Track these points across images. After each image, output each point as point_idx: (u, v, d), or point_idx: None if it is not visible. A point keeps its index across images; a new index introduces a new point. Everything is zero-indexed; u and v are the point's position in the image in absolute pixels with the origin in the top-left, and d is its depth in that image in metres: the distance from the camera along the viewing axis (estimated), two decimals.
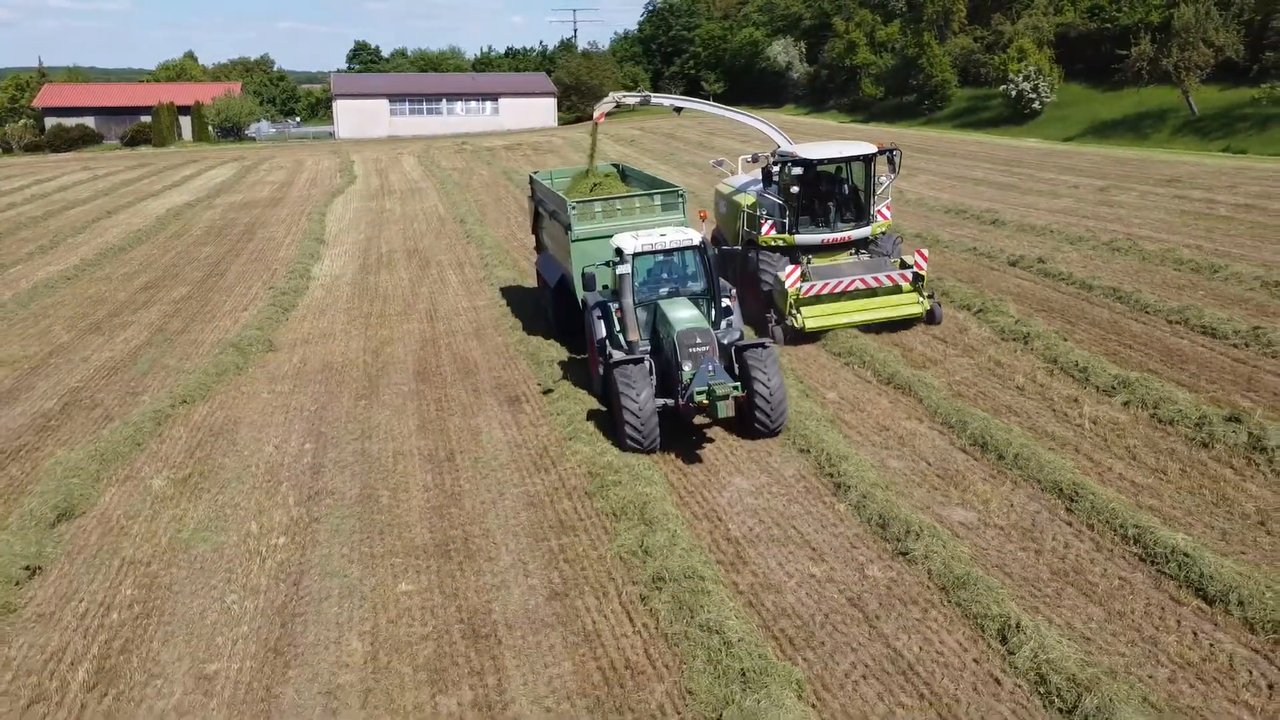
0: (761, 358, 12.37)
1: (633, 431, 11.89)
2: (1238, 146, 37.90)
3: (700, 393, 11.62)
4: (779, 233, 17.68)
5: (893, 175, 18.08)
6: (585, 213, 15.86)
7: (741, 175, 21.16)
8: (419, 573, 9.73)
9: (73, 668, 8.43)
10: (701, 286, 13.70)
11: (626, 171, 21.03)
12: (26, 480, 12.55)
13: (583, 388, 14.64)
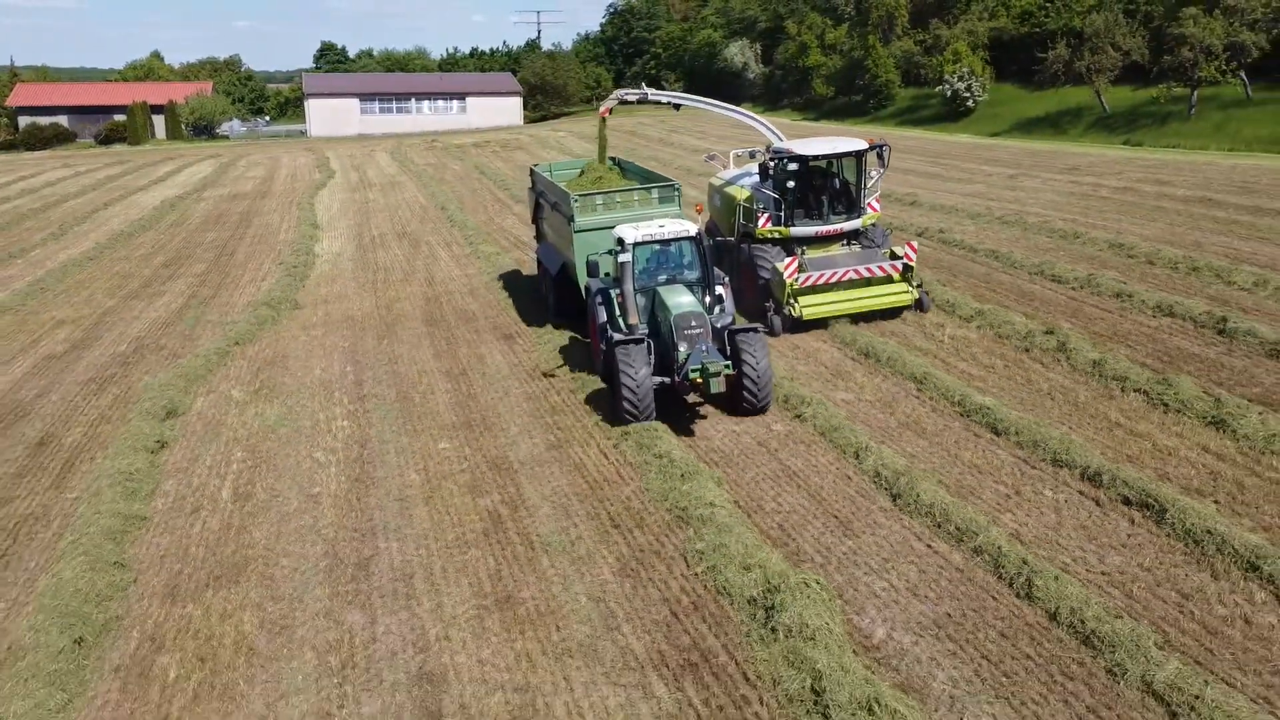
0: (751, 341, 13.33)
1: (630, 405, 12.86)
2: (1136, 140, 42.47)
3: (695, 371, 12.64)
4: (775, 225, 18.25)
5: (882, 170, 18.74)
6: (587, 205, 16.69)
7: (733, 169, 21.92)
8: (451, 438, 13.44)
9: (216, 491, 12.06)
10: (697, 275, 14.53)
11: (623, 165, 22.05)
12: (129, 395, 16.02)
13: (581, 368, 18.14)
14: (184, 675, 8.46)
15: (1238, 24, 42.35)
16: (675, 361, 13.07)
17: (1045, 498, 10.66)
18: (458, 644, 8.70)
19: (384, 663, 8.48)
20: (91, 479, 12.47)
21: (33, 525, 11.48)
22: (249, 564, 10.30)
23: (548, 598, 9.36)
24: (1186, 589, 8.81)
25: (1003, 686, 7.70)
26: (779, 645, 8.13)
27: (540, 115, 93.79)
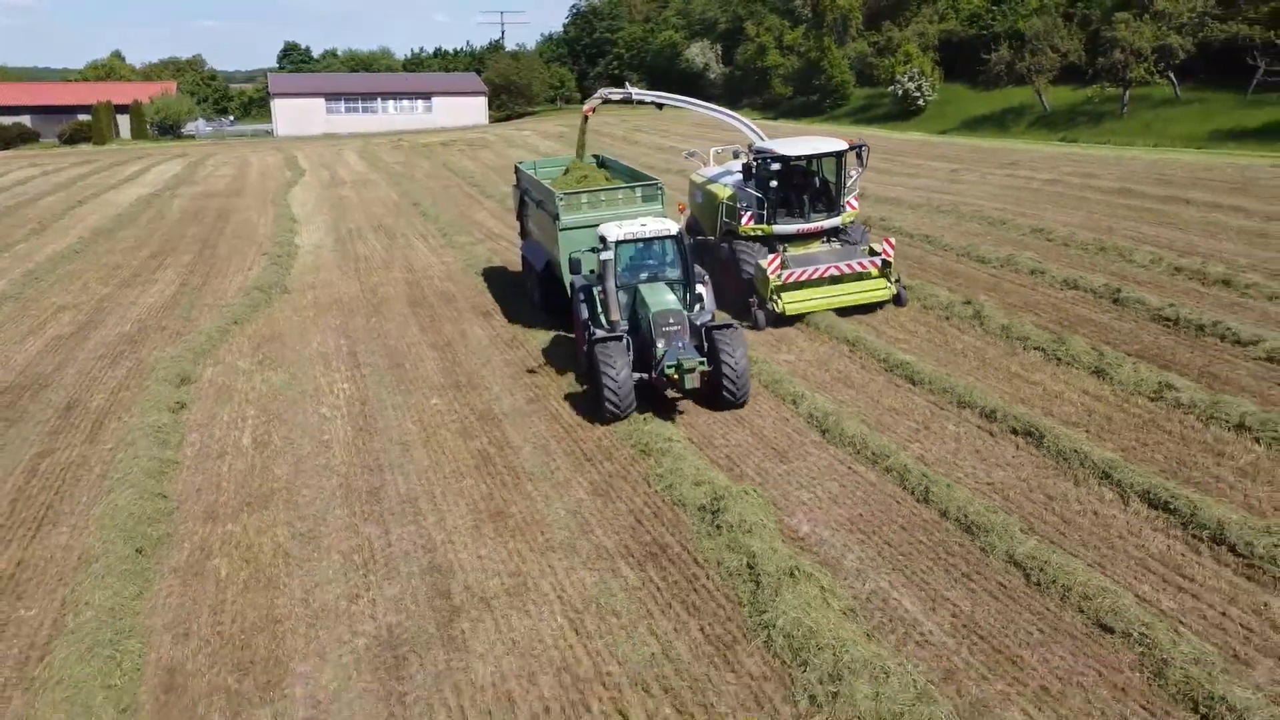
0: (729, 338, 13.56)
1: (611, 402, 13.17)
2: (1072, 137, 45.09)
3: (670, 367, 13.01)
4: (758, 223, 18.69)
5: (861, 169, 19.24)
6: (572, 204, 16.92)
7: (713, 167, 22.32)
8: (441, 396, 15.24)
9: (237, 440, 13.77)
10: (677, 273, 14.81)
11: (606, 162, 22.35)
12: (141, 367, 17.60)
13: (557, 359, 20.09)
14: (233, 573, 10.22)
15: (1165, 28, 45.10)
16: (654, 358, 13.39)
17: (948, 430, 12.70)
18: (460, 546, 10.54)
19: (399, 560, 10.31)
20: (123, 433, 14.12)
21: (77, 470, 13.12)
22: (275, 494, 12.05)
23: (532, 512, 11.23)
24: (1052, 493, 10.87)
25: (899, 562, 9.68)
26: (722, 537, 10.06)
27: (505, 115, 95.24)
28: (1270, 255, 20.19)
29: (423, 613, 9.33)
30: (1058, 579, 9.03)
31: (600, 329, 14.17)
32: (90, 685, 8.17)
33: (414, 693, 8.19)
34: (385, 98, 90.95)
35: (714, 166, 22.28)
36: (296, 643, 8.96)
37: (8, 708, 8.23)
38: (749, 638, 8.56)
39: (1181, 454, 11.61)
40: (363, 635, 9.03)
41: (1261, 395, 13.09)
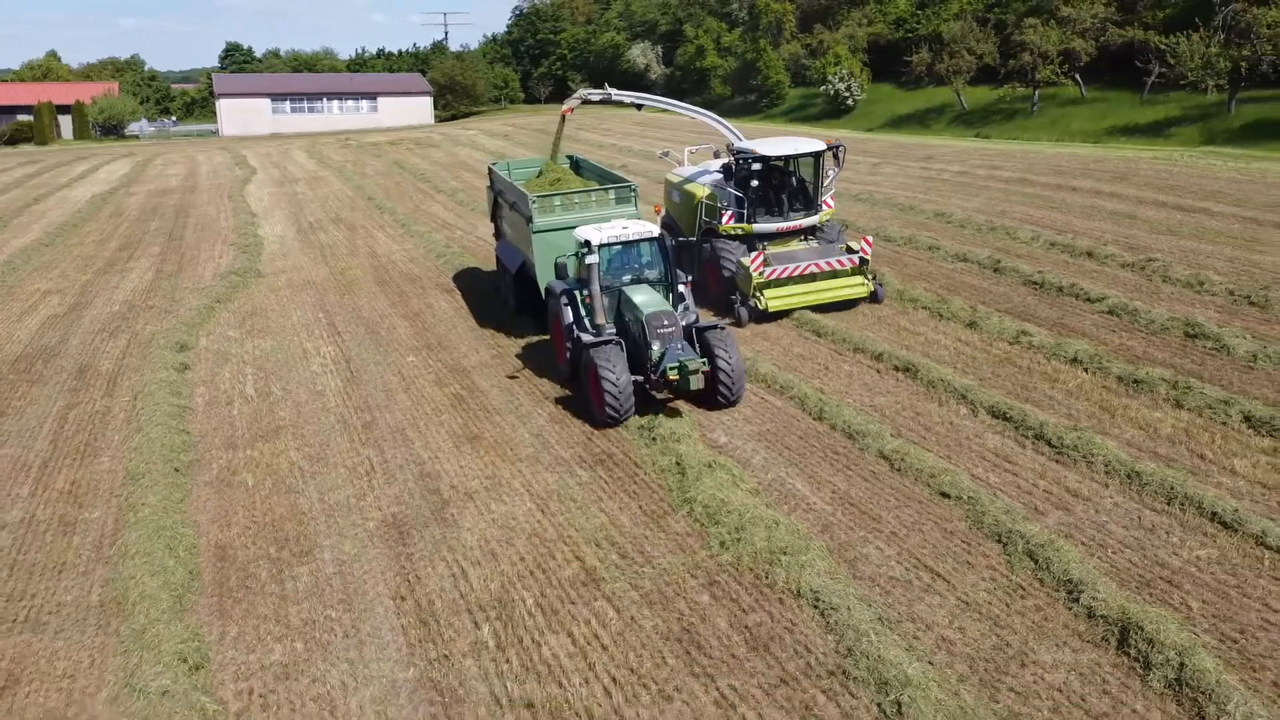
0: (722, 338, 13.77)
1: (611, 406, 13.13)
2: (985, 133, 48.58)
3: (673, 368, 13.01)
4: (738, 222, 19.00)
5: (838, 169, 19.61)
6: (546, 206, 16.93)
7: (688, 166, 22.59)
8: (415, 354, 17.57)
9: (241, 390, 15.97)
10: (659, 274, 14.95)
11: (580, 163, 22.50)
12: (139, 338, 19.59)
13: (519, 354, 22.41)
14: (258, 483, 12.50)
15: (1070, 33, 48.76)
16: (649, 360, 13.31)
17: (844, 369, 15.41)
18: (444, 459, 12.94)
19: (395, 470, 12.68)
20: (138, 388, 16.21)
21: (103, 417, 15.21)
22: (282, 429, 14.31)
23: (502, 435, 13.66)
24: (919, 410, 13.61)
25: (794, 459, 12.31)
26: (657, 446, 12.60)
27: (450, 114, 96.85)
28: (1133, 233, 23.33)
29: (418, 504, 11.72)
30: (913, 466, 11.73)
31: (586, 333, 14.18)
32: (160, 555, 10.42)
33: (417, 554, 10.59)
34: (331, 98, 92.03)
35: (689, 166, 22.48)
36: (319, 527, 11.29)
37: (94, 575, 10.43)
38: (676, 510, 11.10)
39: (1025, 381, 14.45)
40: (372, 520, 11.40)
41: (1096, 338, 16.02)
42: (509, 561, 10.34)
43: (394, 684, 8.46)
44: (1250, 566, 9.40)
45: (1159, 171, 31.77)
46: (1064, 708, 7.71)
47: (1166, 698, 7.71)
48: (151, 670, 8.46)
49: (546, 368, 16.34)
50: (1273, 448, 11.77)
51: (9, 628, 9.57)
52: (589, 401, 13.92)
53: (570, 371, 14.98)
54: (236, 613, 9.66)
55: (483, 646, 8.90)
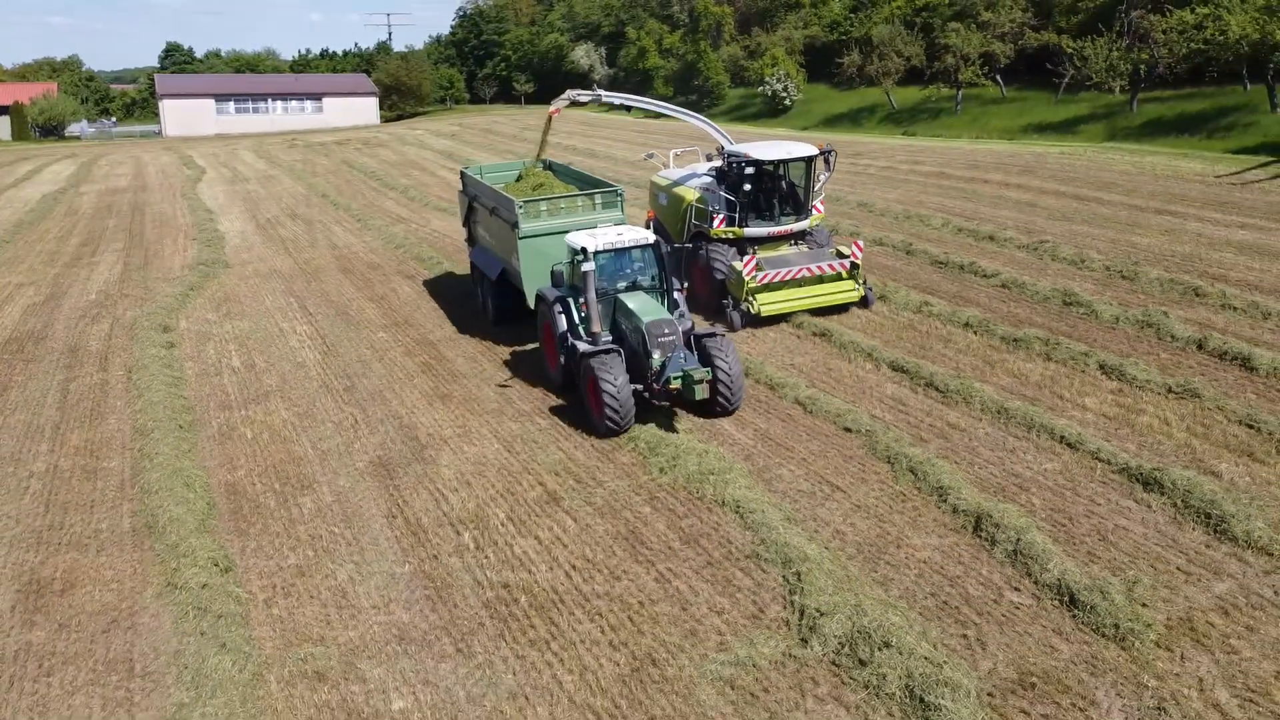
0: (721, 345, 13.64)
1: (612, 415, 12.97)
2: (912, 131, 51.41)
3: (676, 378, 12.91)
4: (729, 225, 18.85)
5: (828, 173, 19.63)
6: (532, 211, 16.61)
7: (674, 168, 22.55)
8: (385, 331, 19.33)
9: (229, 363, 17.60)
10: (654, 281, 14.82)
11: (554, 167, 21.95)
12: (121, 322, 21.02)
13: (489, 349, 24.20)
14: (256, 436, 14.23)
15: (990, 36, 51.78)
16: (649, 369, 13.23)
17: (769, 336, 17.56)
18: (419, 413, 14.78)
19: (377, 423, 14.49)
20: (130, 363, 17.75)
21: (102, 388, 16.74)
22: (270, 394, 16.01)
23: (469, 394, 15.54)
24: (831, 367, 15.79)
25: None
26: None
27: (396, 115, 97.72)
28: (1032, 219, 25.90)
29: (400, 448, 13.56)
30: (823, 408, 13.89)
31: (581, 341, 14.14)
32: (179, 491, 12.13)
33: (403, 485, 12.45)
34: (275, 98, 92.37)
35: (674, 168, 22.42)
36: (315, 468, 13.08)
37: (122, 509, 12.10)
38: (623, 446, 13.10)
39: (923, 342, 16.72)
40: (361, 461, 13.22)
41: (987, 307, 18.38)
42: (482, 488, 12.25)
43: (393, 576, 10.33)
44: (1085, 475, 11.68)
45: (1064, 165, 34.60)
46: (926, 573, 9.86)
47: (1005, 563, 9.90)
48: (189, 571, 10.22)
49: (506, 339, 18.21)
50: (1118, 388, 14.15)
51: (55, 549, 11.22)
52: (587, 411, 13.77)
53: (564, 380, 14.76)
54: (253, 532, 11.43)
55: (464, 548, 10.81)
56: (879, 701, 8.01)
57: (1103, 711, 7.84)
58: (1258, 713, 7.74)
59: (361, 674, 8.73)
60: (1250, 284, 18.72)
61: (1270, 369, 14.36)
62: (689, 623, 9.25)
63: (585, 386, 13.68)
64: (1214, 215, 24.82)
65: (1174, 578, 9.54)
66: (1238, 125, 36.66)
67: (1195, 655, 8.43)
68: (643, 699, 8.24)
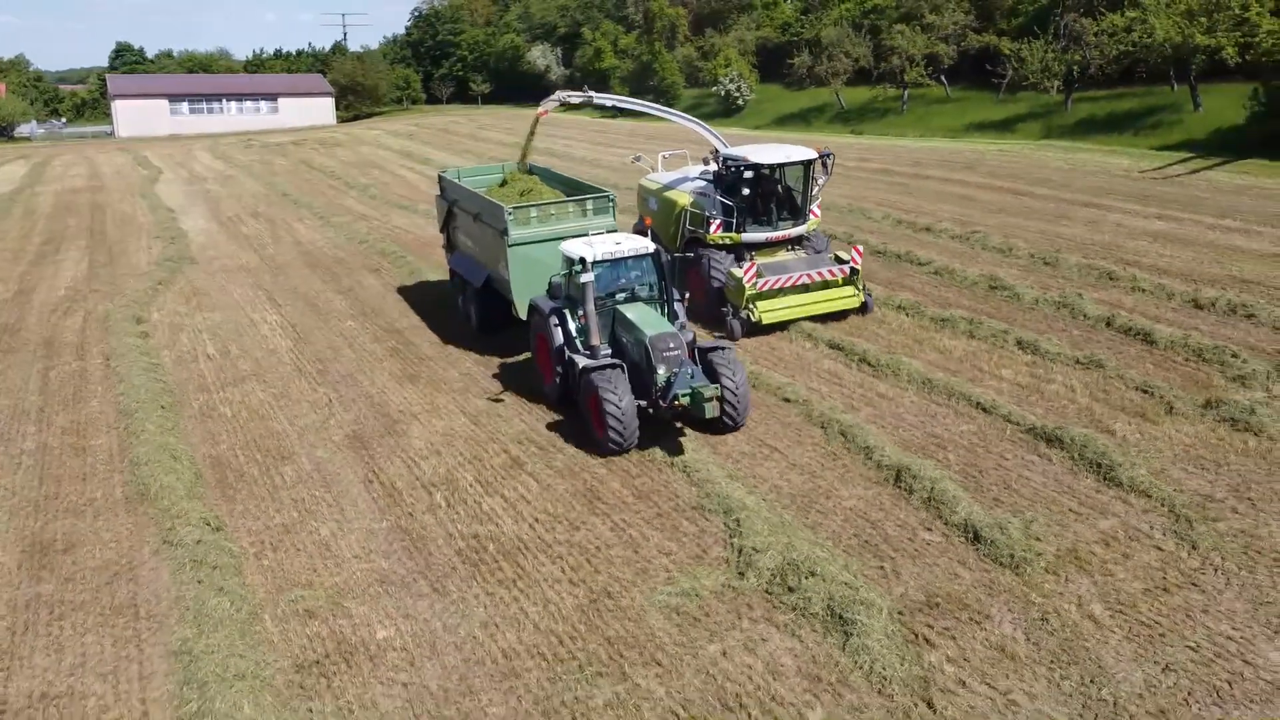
0: (727, 359, 13.17)
1: (615, 433, 12.46)
2: (860, 130, 53.08)
3: (684, 395, 12.41)
4: (726, 231, 18.37)
5: (826, 177, 19.21)
6: (521, 218, 16.06)
7: (662, 171, 22.02)
8: (353, 320, 20.25)
9: (203, 351, 18.43)
10: (654, 291, 14.33)
11: (535, 171, 21.25)
12: (94, 315, 21.68)
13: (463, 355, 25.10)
14: (236, 414, 15.13)
15: (934, 38, 53.60)
16: (654, 385, 12.76)
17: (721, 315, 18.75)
18: (390, 393, 15.77)
19: (350, 401, 15.46)
20: (107, 351, 18.49)
21: (81, 375, 17.48)
22: (246, 377, 16.89)
23: (436, 375, 16.55)
24: (774, 347, 17.06)
25: None
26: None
27: (353, 115, 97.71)
28: (968, 212, 27.42)
29: (373, 424, 14.56)
30: (765, 383, 15.13)
31: (579, 354, 13.75)
32: (167, 463, 13.03)
33: (378, 455, 13.46)
34: (230, 99, 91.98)
35: (663, 172, 21.90)
36: (294, 442, 14.03)
37: (114, 480, 12.97)
38: (582, 419, 14.21)
39: (860, 324, 18.03)
40: (337, 434, 14.20)
41: (919, 291, 19.77)
42: (451, 456, 13.29)
43: (373, 531, 11.35)
44: (996, 435, 13.01)
45: (1002, 162, 36.32)
46: (851, 518, 11.10)
47: (920, 509, 11.18)
48: (183, 530, 11.15)
49: (468, 329, 19.23)
50: (1032, 361, 15.55)
51: (53, 515, 12.08)
52: (588, 427, 13.33)
53: (560, 394, 14.32)
54: (240, 497, 12.37)
55: (437, 506, 11.86)
56: (804, 620, 9.21)
57: (995, 624, 9.10)
58: (1125, 620, 9.06)
59: (348, 611, 9.76)
60: (1160, 269, 20.29)
61: (1168, 342, 15.85)
62: (640, 563, 10.39)
63: (586, 403, 13.19)
64: (1135, 207, 26.52)
65: (1065, 517, 10.87)
66: (1164, 123, 38.65)
67: (1077, 578, 9.74)
68: (599, 624, 9.36)
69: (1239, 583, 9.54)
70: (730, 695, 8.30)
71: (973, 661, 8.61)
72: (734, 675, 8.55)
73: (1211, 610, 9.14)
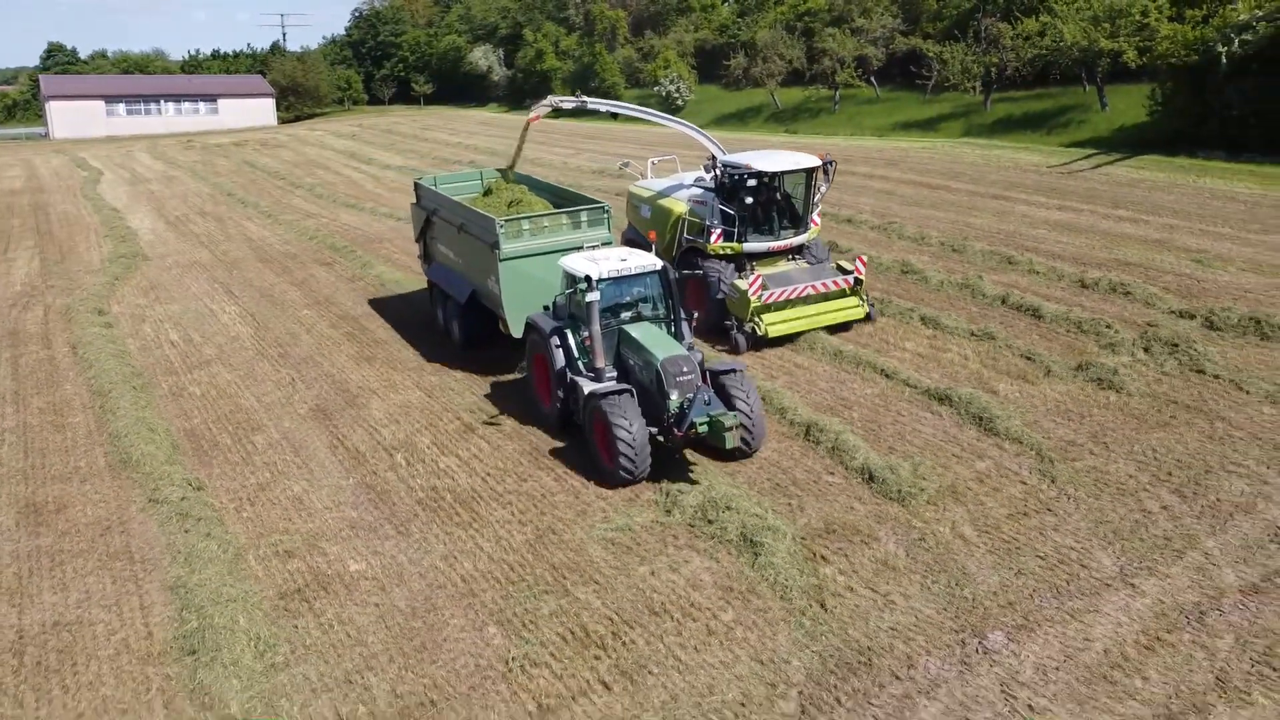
0: (741, 382, 12.62)
1: (627, 462, 11.87)
2: (793, 129, 55.13)
3: (703, 423, 11.81)
4: (727, 240, 17.82)
5: (827, 184, 18.59)
6: (513, 231, 15.42)
7: (653, 178, 21.57)
8: (309, 309, 21.40)
9: (166, 338, 19.46)
10: (661, 310, 13.73)
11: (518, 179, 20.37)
12: (55, 308, 22.48)
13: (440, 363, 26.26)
14: (205, 393, 16.27)
15: (863, 41, 55.86)
16: (666, 412, 12.16)
17: None
18: (349, 372, 17.04)
19: (312, 380, 16.69)
20: (73, 340, 19.42)
21: (50, 362, 18.41)
22: (211, 361, 18.00)
23: (391, 356, 17.84)
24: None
25: None
26: (517, 356, 17.07)
27: (294, 116, 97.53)
28: (888, 205, 29.36)
29: (335, 399, 15.82)
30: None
31: (582, 377, 13.15)
32: (145, 434, 14.17)
33: (341, 424, 14.75)
34: (168, 100, 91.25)
35: (654, 179, 21.45)
36: (262, 416, 15.25)
37: (95, 451, 14.06)
38: (528, 390, 15.65)
39: None
40: (301, 408, 15.44)
41: None
42: (409, 424, 14.64)
43: (340, 487, 12.67)
44: (896, 396, 14.74)
45: (923, 158, 38.48)
46: (765, 466, 12.70)
47: (824, 456, 12.82)
48: (167, 489, 12.36)
49: (419, 311, 20.50)
50: (932, 334, 17.35)
51: (42, 482, 13.16)
52: (593, 455, 12.75)
53: (561, 418, 13.72)
54: (216, 462, 13.58)
55: (398, 466, 13.22)
56: (721, 545, 10.77)
57: (881, 544, 10.76)
58: (989, 539, 10.77)
59: (323, 550, 11.08)
60: (1055, 254, 22.32)
61: (1053, 317, 17.77)
62: (580, 506, 11.87)
63: (592, 429, 12.56)
64: (1040, 199, 28.69)
65: (948, 460, 12.60)
66: (1073, 122, 41.18)
67: (953, 508, 11.45)
68: (545, 554, 10.82)
69: (1086, 508, 11.32)
70: (656, 604, 9.82)
71: (860, 573, 10.24)
72: (660, 589, 10.06)
73: (1060, 529, 10.90)
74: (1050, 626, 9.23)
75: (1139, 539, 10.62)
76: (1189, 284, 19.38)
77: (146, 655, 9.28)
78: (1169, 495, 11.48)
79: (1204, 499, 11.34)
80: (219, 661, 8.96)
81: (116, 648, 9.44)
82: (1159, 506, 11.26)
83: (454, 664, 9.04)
